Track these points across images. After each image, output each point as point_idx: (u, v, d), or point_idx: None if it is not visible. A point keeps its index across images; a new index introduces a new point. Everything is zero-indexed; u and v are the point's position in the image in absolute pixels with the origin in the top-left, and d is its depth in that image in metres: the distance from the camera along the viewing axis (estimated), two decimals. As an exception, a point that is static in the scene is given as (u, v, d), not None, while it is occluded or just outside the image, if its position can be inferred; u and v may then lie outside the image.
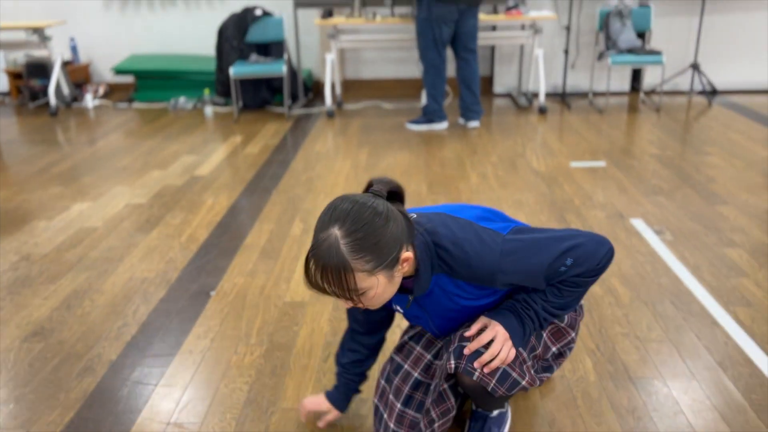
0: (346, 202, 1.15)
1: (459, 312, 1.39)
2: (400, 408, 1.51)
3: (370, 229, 1.12)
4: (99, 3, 5.99)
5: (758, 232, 2.84)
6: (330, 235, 1.12)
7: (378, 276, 1.15)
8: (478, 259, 1.24)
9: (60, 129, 4.99)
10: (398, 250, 1.17)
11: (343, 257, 1.11)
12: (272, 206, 3.30)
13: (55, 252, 2.82)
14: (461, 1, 4.28)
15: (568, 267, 1.28)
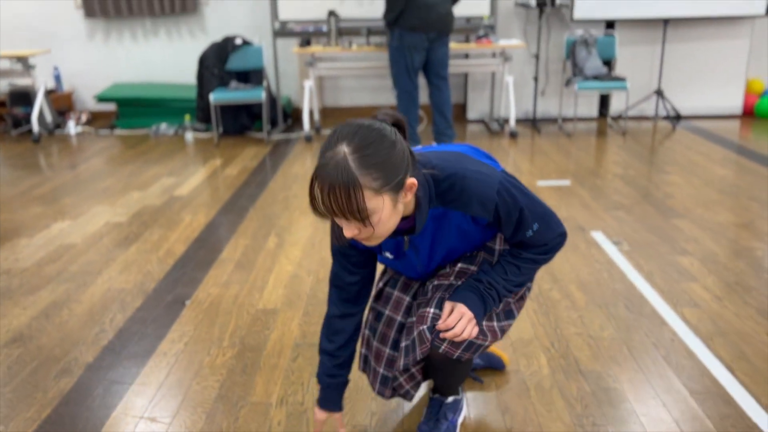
0: (353, 124, 1.14)
1: (448, 248, 1.42)
2: (390, 352, 1.56)
3: (378, 146, 1.11)
4: (83, 32, 6.15)
5: (710, 242, 3.00)
6: (337, 153, 1.10)
7: (384, 197, 1.13)
8: (476, 185, 1.26)
9: (42, 155, 5.08)
10: (404, 174, 1.15)
11: (351, 172, 1.09)
12: (249, 223, 3.41)
13: (35, 266, 2.90)
14: (431, 29, 4.48)
15: (534, 232, 1.35)
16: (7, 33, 6.13)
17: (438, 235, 1.38)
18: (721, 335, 2.20)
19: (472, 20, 5.48)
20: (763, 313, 2.34)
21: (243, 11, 5.99)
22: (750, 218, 3.30)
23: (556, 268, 2.75)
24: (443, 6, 4.44)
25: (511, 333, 2.24)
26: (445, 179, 1.27)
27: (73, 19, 6.11)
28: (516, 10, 5.73)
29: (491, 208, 1.29)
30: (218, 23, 6.03)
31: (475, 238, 1.43)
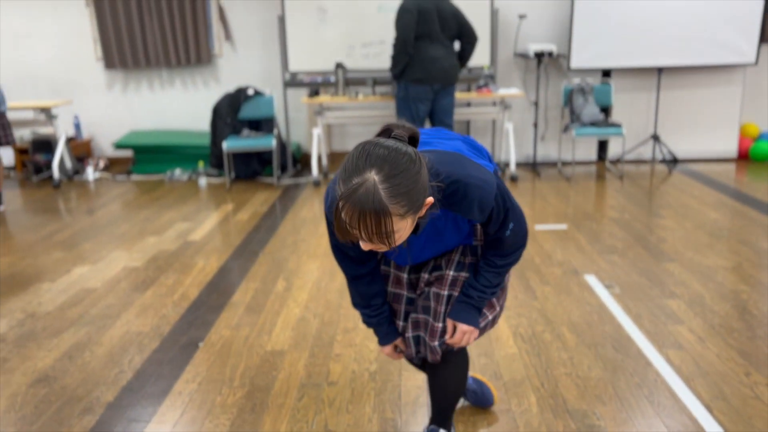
0: (380, 148, 1.14)
1: (438, 244, 1.53)
2: (402, 324, 1.73)
3: (407, 175, 1.13)
4: (102, 83, 6.46)
5: (698, 286, 3.14)
6: (367, 180, 1.11)
7: (408, 219, 1.18)
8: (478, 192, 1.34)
9: (62, 200, 5.32)
10: (425, 196, 1.21)
11: (382, 201, 1.11)
12: (259, 267, 3.59)
13: (57, 310, 3.08)
14: (435, 82, 4.71)
15: (511, 231, 1.48)
16: (31, 83, 6.45)
17: (432, 233, 1.47)
18: (702, 376, 2.33)
19: (473, 70, 5.73)
20: (744, 354, 2.47)
21: (255, 62, 6.29)
22: (738, 261, 3.44)
23: (549, 311, 2.90)
24: (447, 60, 4.68)
25: (503, 373, 2.38)
26: (449, 186, 1.31)
27: (93, 70, 6.43)
28: (515, 60, 5.99)
29: (488, 212, 1.38)
30: (231, 74, 6.33)
31: (463, 230, 1.54)
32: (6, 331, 2.86)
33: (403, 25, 4.52)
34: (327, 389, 2.32)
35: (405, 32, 4.52)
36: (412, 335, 1.70)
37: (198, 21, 6.13)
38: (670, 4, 5.51)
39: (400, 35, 4.54)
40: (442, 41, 4.63)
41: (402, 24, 4.53)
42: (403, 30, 4.52)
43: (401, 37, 4.55)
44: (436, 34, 4.59)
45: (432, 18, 4.53)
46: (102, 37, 6.22)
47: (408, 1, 4.54)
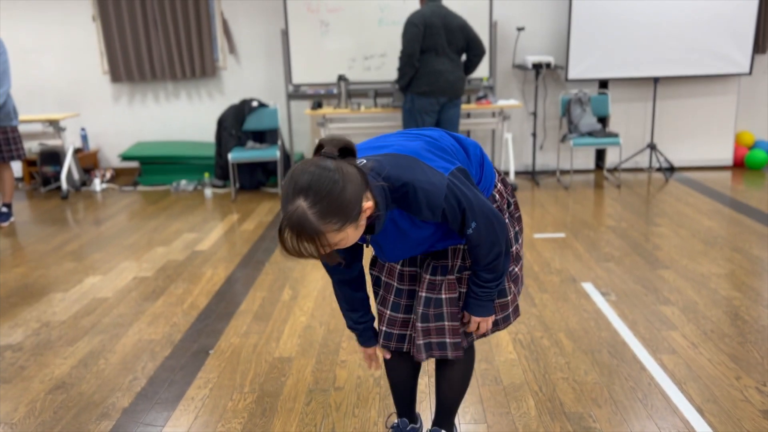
0: (305, 174, 1.26)
1: (406, 242, 1.58)
2: (390, 313, 1.78)
3: (331, 196, 1.25)
4: (109, 95, 6.58)
5: (691, 292, 3.24)
6: (298, 207, 1.24)
7: (347, 229, 1.30)
8: (426, 195, 1.41)
9: (70, 211, 5.43)
10: (359, 205, 1.30)
11: (313, 225, 1.24)
12: (265, 276, 3.69)
13: (71, 319, 3.18)
14: (441, 94, 4.82)
15: (473, 230, 1.53)
16: (39, 96, 6.57)
17: (396, 231, 1.54)
18: (694, 380, 2.42)
19: (472, 82, 5.85)
20: (735, 359, 2.56)
21: (259, 75, 6.41)
22: (731, 269, 3.54)
23: (547, 318, 3.00)
24: (453, 73, 4.79)
25: (503, 378, 2.48)
26: (399, 189, 1.40)
27: (99, 83, 6.55)
28: (514, 71, 6.11)
29: (438, 213, 1.44)
30: (235, 86, 6.45)
31: (426, 228, 1.57)
32: (23, 340, 2.96)
33: (409, 38, 4.63)
34: (334, 394, 2.41)
35: (411, 46, 4.64)
36: (423, 342, 1.74)
37: (203, 34, 6.26)
38: (666, 16, 5.63)
39: (406, 49, 4.66)
40: (449, 54, 4.74)
41: (408, 38, 4.64)
42: (409, 43, 4.64)
43: (407, 51, 4.66)
44: (443, 47, 4.70)
45: (438, 32, 4.65)
46: (108, 51, 6.35)
47: (415, 16, 4.65)
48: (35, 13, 6.38)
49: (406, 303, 1.76)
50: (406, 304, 1.77)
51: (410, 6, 5.65)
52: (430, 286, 1.69)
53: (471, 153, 1.68)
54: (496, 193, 1.73)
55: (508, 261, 1.64)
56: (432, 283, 1.69)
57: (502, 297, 1.77)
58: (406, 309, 1.77)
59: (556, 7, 5.94)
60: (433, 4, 4.70)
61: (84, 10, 6.37)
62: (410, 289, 1.76)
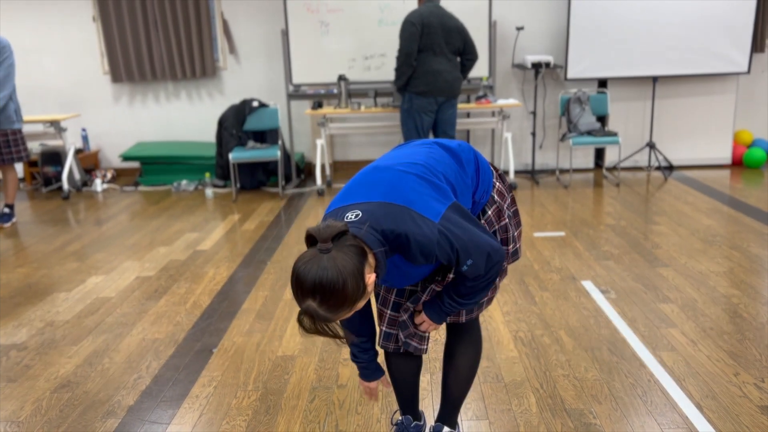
0: (309, 277, 1.36)
1: (409, 276, 1.68)
2: (391, 313, 1.84)
3: (335, 295, 1.36)
4: (110, 96, 6.60)
5: (690, 290, 3.27)
6: (309, 306, 1.37)
7: (356, 305, 1.42)
8: (419, 246, 1.50)
9: (72, 211, 5.45)
10: (362, 286, 1.41)
11: (326, 317, 1.39)
12: (267, 275, 3.71)
13: (75, 319, 3.20)
14: (439, 94, 4.85)
15: (468, 266, 1.59)
16: (39, 97, 6.59)
17: (399, 272, 1.65)
18: (693, 376, 2.45)
19: (472, 81, 5.87)
20: (733, 356, 2.59)
21: (259, 75, 6.43)
22: (730, 267, 3.56)
23: (548, 316, 3.02)
24: (451, 73, 4.81)
25: (504, 375, 2.51)
26: (394, 240, 1.50)
27: (100, 84, 6.57)
28: (513, 71, 6.13)
29: (432, 258, 1.52)
30: (236, 86, 6.47)
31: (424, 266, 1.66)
32: (27, 339, 2.98)
33: (407, 38, 4.66)
34: (337, 392, 2.44)
35: (408, 45, 4.66)
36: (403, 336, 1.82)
37: (203, 35, 6.27)
38: (665, 16, 5.65)
39: (404, 48, 4.68)
40: (446, 54, 4.77)
41: (406, 37, 4.66)
42: (407, 43, 4.66)
43: (404, 50, 4.68)
44: (440, 47, 4.72)
45: (436, 32, 4.67)
46: (109, 52, 6.37)
47: (413, 15, 4.68)
48: (36, 13, 6.39)
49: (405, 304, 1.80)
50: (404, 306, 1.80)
51: (410, 6, 5.67)
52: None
53: (464, 160, 1.70)
54: (496, 194, 1.75)
55: (488, 290, 1.69)
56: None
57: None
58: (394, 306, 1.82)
59: (555, 6, 5.97)
60: (430, 4, 4.72)
61: (84, 11, 6.39)
62: (411, 290, 1.80)
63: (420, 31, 4.65)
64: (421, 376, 2.53)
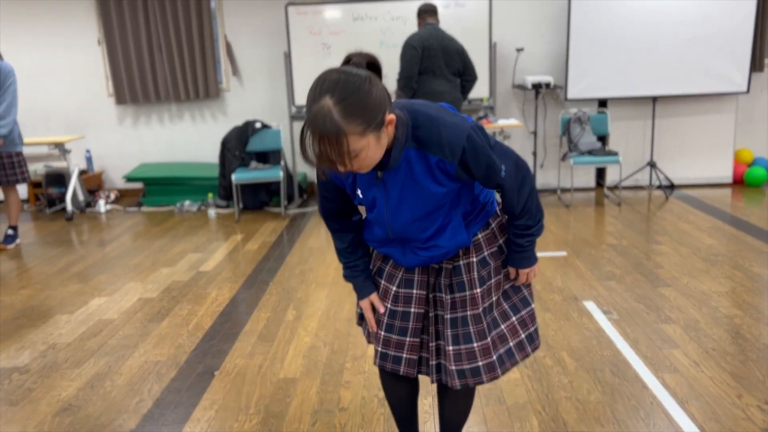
0: (333, 74, 1.28)
1: (414, 196, 1.53)
2: (384, 334, 1.75)
3: (358, 94, 1.26)
4: (114, 117, 6.66)
5: (693, 311, 3.26)
6: (323, 106, 1.26)
7: (369, 137, 1.31)
8: (448, 130, 1.41)
9: (75, 232, 5.47)
10: (383, 113, 1.32)
11: (337, 123, 1.25)
12: (269, 296, 3.72)
13: (77, 341, 3.21)
14: None
15: (506, 172, 1.53)
16: (44, 119, 6.65)
17: (408, 178, 1.50)
18: (696, 398, 2.44)
19: (473, 102, 5.92)
20: (736, 377, 2.58)
21: (262, 96, 6.49)
22: (732, 287, 3.56)
23: (550, 337, 3.02)
24: (451, 93, 4.84)
25: (506, 398, 2.50)
26: (423, 123, 1.43)
27: (104, 106, 6.63)
28: (514, 92, 6.18)
29: (458, 152, 1.43)
30: (239, 107, 6.53)
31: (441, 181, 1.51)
32: (29, 362, 2.98)
33: (408, 60, 4.70)
34: (339, 415, 2.43)
35: (409, 68, 4.70)
36: (456, 368, 1.70)
37: (206, 56, 6.34)
38: (664, 36, 5.70)
39: (405, 71, 4.72)
40: (446, 76, 4.81)
41: (406, 60, 4.71)
42: (408, 66, 4.70)
43: (405, 73, 4.73)
44: (440, 69, 4.76)
45: (436, 54, 4.72)
46: (113, 74, 6.43)
47: (413, 39, 4.73)
48: (42, 37, 6.48)
49: (400, 325, 1.73)
50: (400, 326, 1.73)
51: (410, 28, 5.73)
52: (452, 306, 1.68)
53: None
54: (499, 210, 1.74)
55: (537, 200, 1.64)
56: (453, 302, 1.68)
57: (526, 306, 1.78)
58: (400, 330, 1.73)
59: (554, 28, 6.03)
60: (430, 26, 4.78)
61: (90, 35, 6.47)
62: (404, 311, 1.72)
63: (420, 54, 4.70)
64: (423, 398, 2.52)
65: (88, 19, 6.45)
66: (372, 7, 5.77)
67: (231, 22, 6.40)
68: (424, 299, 1.73)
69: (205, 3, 6.25)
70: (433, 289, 1.73)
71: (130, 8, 6.27)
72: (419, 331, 1.74)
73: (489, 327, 1.70)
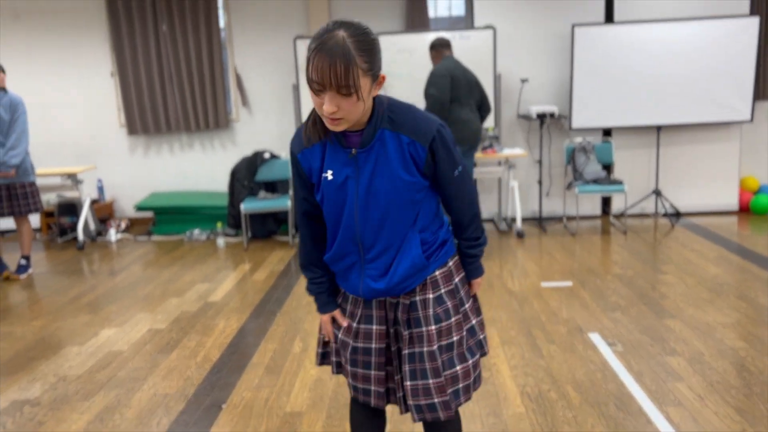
0: (347, 19, 1.43)
1: (385, 178, 1.59)
2: (351, 369, 1.78)
3: (369, 37, 1.41)
4: (125, 147, 6.78)
5: (698, 343, 3.27)
6: (336, 35, 1.37)
7: (367, 79, 1.42)
8: (422, 117, 1.57)
9: (86, 262, 5.55)
10: (380, 65, 1.47)
11: (350, 51, 1.36)
12: (276, 327, 3.76)
13: (87, 373, 3.25)
14: (467, 142, 4.88)
15: (459, 173, 1.65)
16: (58, 150, 6.78)
17: (381, 158, 1.57)
18: (700, 433, 2.45)
19: (478, 131, 5.98)
20: (741, 411, 2.59)
21: (270, 127, 6.60)
22: (737, 318, 3.57)
23: (555, 370, 3.04)
24: (476, 122, 4.92)
25: (511, 432, 2.52)
26: (399, 106, 1.58)
27: (116, 136, 6.76)
28: (518, 121, 6.25)
29: (429, 137, 1.56)
30: (248, 137, 6.64)
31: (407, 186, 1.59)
32: (40, 395, 3.03)
33: (441, 88, 4.76)
34: (344, 449, 2.46)
35: (443, 95, 4.76)
36: (413, 404, 1.73)
37: (216, 88, 6.47)
38: (666, 66, 5.77)
39: (438, 98, 4.75)
40: (471, 105, 4.89)
41: (440, 87, 4.75)
42: (441, 93, 4.75)
43: (439, 100, 4.75)
44: (466, 98, 4.84)
45: (461, 84, 4.80)
46: (125, 105, 6.57)
47: (441, 69, 4.79)
48: (57, 69, 6.63)
49: (363, 359, 1.75)
50: (363, 360, 1.76)
51: (417, 60, 5.84)
52: (410, 340, 1.71)
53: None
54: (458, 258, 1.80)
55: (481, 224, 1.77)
56: (411, 336, 1.71)
57: (479, 349, 1.81)
58: (364, 365, 1.76)
59: (558, 58, 6.12)
60: (450, 58, 4.87)
61: (103, 67, 6.62)
62: (365, 347, 1.75)
63: (450, 83, 4.78)
64: None
65: (102, 51, 6.61)
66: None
67: (241, 54, 6.54)
68: (384, 333, 1.76)
69: (216, 35, 6.40)
70: (393, 322, 1.76)
71: (142, 41, 6.42)
72: (383, 365, 1.78)
73: (444, 365, 1.72)
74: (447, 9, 6.74)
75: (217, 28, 6.42)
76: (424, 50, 5.78)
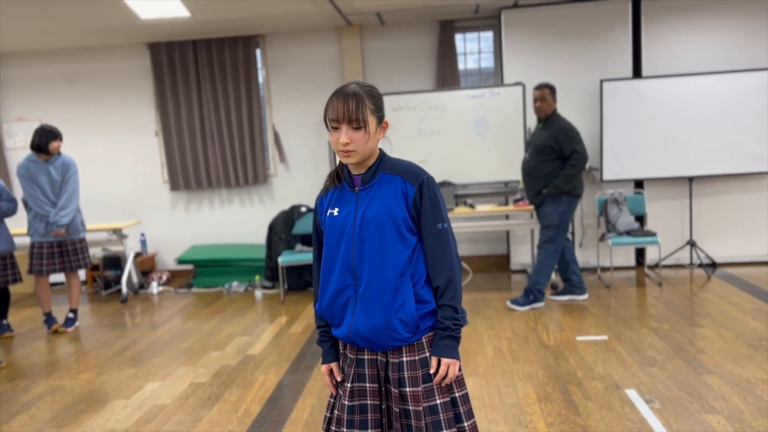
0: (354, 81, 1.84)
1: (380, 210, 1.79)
2: (347, 430, 1.84)
3: (375, 91, 1.83)
4: (167, 203, 7.05)
5: (737, 400, 3.24)
6: (350, 85, 1.78)
7: (374, 118, 1.78)
8: (415, 167, 1.86)
9: (129, 314, 5.74)
10: (384, 114, 1.83)
11: (360, 93, 1.77)
12: (314, 382, 3.84)
13: (134, 427, 3.37)
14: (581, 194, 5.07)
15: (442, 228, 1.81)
16: (104, 205, 7.08)
17: (377, 194, 1.82)
18: (741, 495, 2.43)
19: (509, 184, 6.09)
20: (783, 473, 2.56)
21: (307, 181, 6.82)
22: (777, 374, 3.53)
23: (591, 427, 3.04)
24: None
25: (548, 492, 2.53)
26: (397, 159, 1.89)
27: (159, 192, 7.04)
28: (549, 173, 6.33)
29: (419, 181, 1.81)
30: (285, 192, 6.86)
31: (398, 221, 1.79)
32: (90, 448, 3.15)
33: (581, 142, 4.89)
34: (383, 507, 2.50)
35: (585, 149, 4.90)
36: None
37: (255, 144, 6.74)
38: (694, 118, 5.83)
39: (584, 152, 4.89)
40: None
41: (579, 141, 4.88)
42: (583, 148, 4.90)
43: (585, 155, 4.89)
44: None
45: None
46: (168, 163, 6.87)
47: (570, 123, 4.95)
48: (106, 128, 7.00)
49: (360, 419, 1.85)
50: (359, 420, 1.85)
51: (447, 116, 6.01)
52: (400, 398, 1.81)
53: None
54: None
55: (460, 292, 1.84)
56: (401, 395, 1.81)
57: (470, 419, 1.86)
58: (360, 424, 1.85)
59: (587, 113, 6.23)
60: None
61: (148, 126, 6.97)
62: (361, 404, 1.85)
63: None
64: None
65: (147, 111, 6.96)
66: (410, 98, 6.09)
67: (279, 112, 6.81)
68: (377, 391, 1.86)
69: (255, 94, 6.70)
70: (384, 381, 1.86)
71: (185, 100, 6.75)
72: (378, 422, 1.87)
73: (428, 427, 1.80)
74: (476, 62, 6.94)
75: (257, 87, 6.73)
76: (454, 107, 5.96)
